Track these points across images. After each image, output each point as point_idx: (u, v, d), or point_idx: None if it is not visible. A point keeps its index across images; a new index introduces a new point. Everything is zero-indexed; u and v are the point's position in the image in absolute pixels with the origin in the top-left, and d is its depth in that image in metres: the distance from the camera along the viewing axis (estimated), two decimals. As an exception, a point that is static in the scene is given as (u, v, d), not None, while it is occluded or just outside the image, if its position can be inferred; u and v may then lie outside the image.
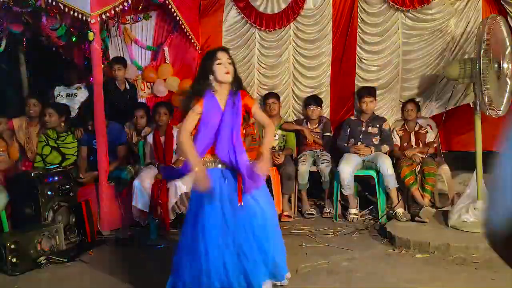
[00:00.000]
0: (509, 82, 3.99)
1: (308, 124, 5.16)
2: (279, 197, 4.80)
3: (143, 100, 5.68)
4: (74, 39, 5.09)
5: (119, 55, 5.70)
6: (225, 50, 3.02)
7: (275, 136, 5.05)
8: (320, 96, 5.29)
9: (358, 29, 5.16)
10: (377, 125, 4.82)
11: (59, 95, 5.56)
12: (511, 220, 0.72)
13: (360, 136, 4.83)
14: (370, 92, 4.86)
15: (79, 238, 4.26)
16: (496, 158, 0.79)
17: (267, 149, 2.90)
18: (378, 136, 4.81)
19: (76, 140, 4.93)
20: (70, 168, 4.70)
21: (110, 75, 5.33)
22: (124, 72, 5.32)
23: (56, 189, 4.19)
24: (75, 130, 4.94)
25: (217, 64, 2.88)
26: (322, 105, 5.23)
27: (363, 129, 4.84)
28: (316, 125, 5.14)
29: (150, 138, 4.73)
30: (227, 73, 2.88)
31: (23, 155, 5.03)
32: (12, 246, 3.60)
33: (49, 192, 4.13)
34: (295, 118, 5.42)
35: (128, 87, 5.40)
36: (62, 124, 4.89)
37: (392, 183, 4.40)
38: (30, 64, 6.19)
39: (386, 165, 4.42)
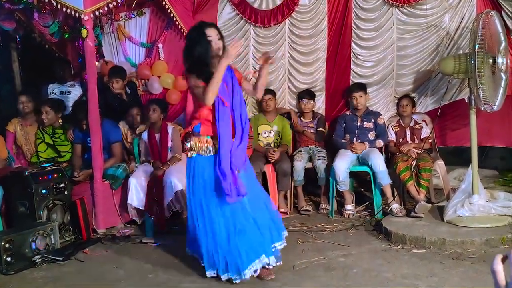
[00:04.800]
0: (503, 77, 4.00)
1: (302, 118, 5.16)
2: (275, 194, 4.79)
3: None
4: (66, 36, 5.05)
5: (113, 52, 5.66)
6: (214, 25, 3.18)
7: (270, 131, 5.05)
8: (316, 92, 5.28)
9: (353, 25, 5.15)
10: (372, 120, 4.83)
11: (53, 92, 5.51)
12: None
13: (356, 131, 4.83)
14: (359, 86, 4.88)
15: (74, 236, 4.24)
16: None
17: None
18: (374, 131, 4.82)
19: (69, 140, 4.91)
20: (64, 166, 4.68)
21: (108, 85, 5.18)
22: (122, 84, 5.15)
23: (51, 188, 4.17)
24: (67, 130, 4.91)
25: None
26: (316, 99, 5.23)
27: (359, 124, 4.84)
28: (310, 120, 5.14)
29: (145, 136, 4.71)
30: (218, 48, 3.06)
31: (18, 154, 4.99)
32: (7, 245, 3.57)
33: (43, 191, 4.10)
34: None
35: (128, 91, 5.27)
36: (60, 120, 4.89)
37: (385, 179, 4.40)
38: (23, 61, 6.14)
39: (378, 162, 4.43)
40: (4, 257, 3.54)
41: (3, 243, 3.55)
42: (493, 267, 0.85)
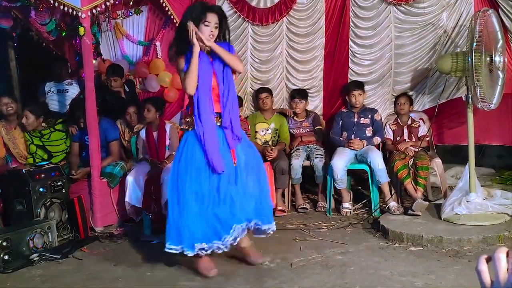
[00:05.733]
0: (501, 75, 4.01)
1: (295, 118, 5.15)
2: (272, 192, 4.79)
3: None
4: (64, 34, 5.04)
5: (110, 51, 5.65)
6: (216, 11, 3.03)
7: (268, 129, 5.05)
8: (313, 90, 5.29)
9: (351, 23, 5.15)
10: (369, 116, 4.84)
11: (50, 91, 5.51)
12: None
13: (353, 128, 4.83)
14: (358, 85, 4.89)
15: (72, 234, 4.24)
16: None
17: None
18: (371, 127, 4.83)
19: (66, 137, 4.89)
20: (62, 164, 4.67)
21: (106, 83, 5.17)
22: (120, 82, 5.15)
23: (48, 186, 4.16)
24: (69, 127, 4.89)
25: (205, 25, 2.93)
26: (313, 97, 5.23)
27: (355, 120, 4.85)
28: (304, 119, 5.13)
29: (142, 134, 4.71)
30: (212, 35, 2.95)
31: (11, 157, 4.96)
32: (4, 244, 3.57)
33: (41, 189, 4.10)
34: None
35: (127, 89, 5.27)
36: (41, 124, 4.80)
37: (383, 177, 4.40)
38: (20, 60, 6.12)
39: (376, 160, 4.43)
40: (1, 255, 3.53)
41: (0, 242, 3.54)
42: (478, 268, 0.87)
